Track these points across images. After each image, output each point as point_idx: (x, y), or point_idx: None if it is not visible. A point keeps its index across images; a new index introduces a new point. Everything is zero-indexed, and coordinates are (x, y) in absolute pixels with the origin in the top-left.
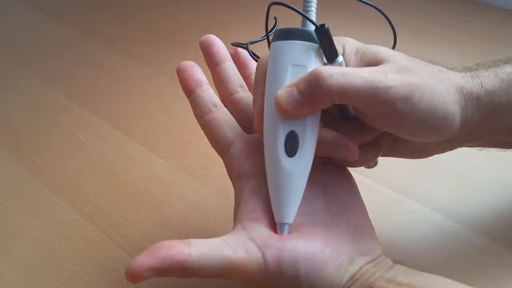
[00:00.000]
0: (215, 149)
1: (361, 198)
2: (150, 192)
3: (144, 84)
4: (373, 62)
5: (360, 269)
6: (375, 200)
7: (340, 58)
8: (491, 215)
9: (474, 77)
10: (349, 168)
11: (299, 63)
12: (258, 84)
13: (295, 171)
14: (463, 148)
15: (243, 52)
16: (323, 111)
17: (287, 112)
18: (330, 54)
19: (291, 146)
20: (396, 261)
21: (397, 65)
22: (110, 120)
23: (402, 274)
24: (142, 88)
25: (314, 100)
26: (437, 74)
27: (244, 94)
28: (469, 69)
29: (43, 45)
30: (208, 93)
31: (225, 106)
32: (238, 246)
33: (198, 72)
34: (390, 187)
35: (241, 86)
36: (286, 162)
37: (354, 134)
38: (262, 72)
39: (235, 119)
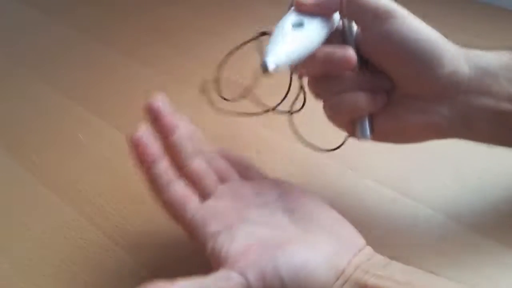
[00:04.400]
0: (178, 225)
1: (323, 203)
2: (150, 192)
3: (144, 84)
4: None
5: (349, 263)
6: (375, 200)
7: None
8: (492, 215)
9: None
10: (349, 166)
11: None
12: None
13: (293, 34)
14: (465, 147)
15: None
16: None
17: (301, 5)
18: None
19: (297, 26)
20: (392, 258)
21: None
22: (110, 120)
23: (399, 272)
24: (142, 88)
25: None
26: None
27: (195, 163)
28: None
29: (43, 45)
30: (163, 169)
31: (181, 175)
32: (220, 278)
33: (151, 147)
34: (390, 187)
35: (191, 156)
36: (289, 28)
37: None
38: None
39: (192, 187)
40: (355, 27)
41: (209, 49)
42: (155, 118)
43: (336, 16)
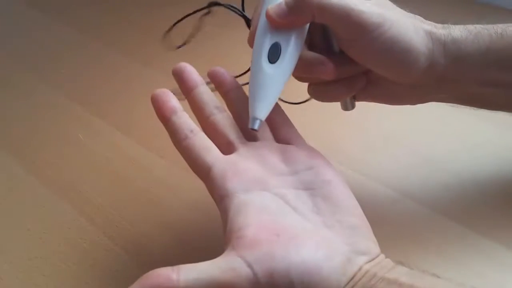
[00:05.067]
0: (196, 174)
1: (354, 199)
2: (150, 192)
3: (144, 84)
4: None
5: (360, 269)
6: (375, 200)
7: None
8: (493, 216)
9: (445, 28)
10: (349, 166)
11: None
12: (257, 7)
13: (273, 75)
14: (463, 147)
15: (219, 70)
16: (311, 45)
17: (274, 21)
18: None
19: (274, 54)
20: (398, 262)
21: (376, 1)
22: (110, 120)
23: (404, 275)
24: (142, 88)
25: (297, 12)
26: (411, 17)
27: (220, 116)
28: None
29: (43, 45)
30: (184, 119)
31: (203, 129)
32: (227, 266)
33: (172, 100)
34: (390, 187)
35: (217, 108)
36: (267, 67)
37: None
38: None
39: (213, 141)
40: None
41: (210, 49)
42: (179, 76)
43: None
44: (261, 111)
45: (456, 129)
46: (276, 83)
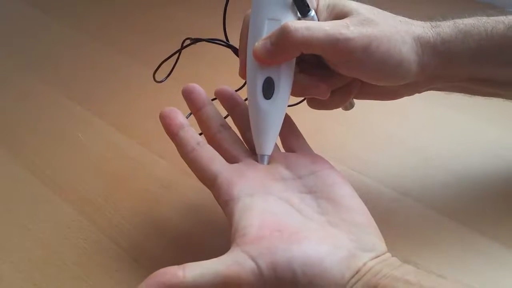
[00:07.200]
0: (203, 183)
1: (358, 198)
2: (150, 192)
3: (144, 84)
4: (341, 15)
5: (364, 264)
6: (375, 200)
7: (312, 13)
8: (492, 214)
9: (434, 27)
10: (349, 166)
11: (274, 17)
12: (243, 37)
13: (271, 111)
14: (463, 147)
15: (226, 88)
16: (302, 60)
17: (262, 61)
18: (302, 9)
19: (268, 90)
20: (405, 262)
21: (360, 18)
22: (110, 120)
23: (411, 273)
24: (142, 88)
25: (283, 51)
26: (397, 26)
27: (226, 133)
28: (431, 19)
29: (43, 45)
30: (191, 133)
31: (210, 145)
32: (231, 261)
33: (179, 117)
34: (390, 187)
35: (222, 125)
36: (263, 104)
37: (327, 80)
38: (245, 26)
39: (222, 154)
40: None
41: (208, 49)
42: (188, 96)
43: None
44: (267, 147)
45: (456, 129)
46: (276, 118)
